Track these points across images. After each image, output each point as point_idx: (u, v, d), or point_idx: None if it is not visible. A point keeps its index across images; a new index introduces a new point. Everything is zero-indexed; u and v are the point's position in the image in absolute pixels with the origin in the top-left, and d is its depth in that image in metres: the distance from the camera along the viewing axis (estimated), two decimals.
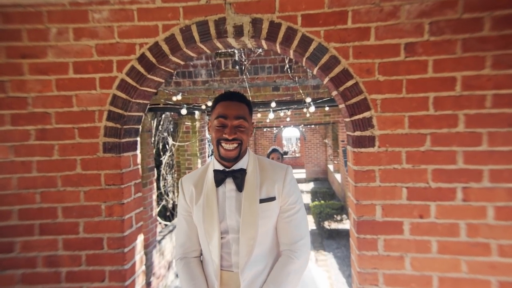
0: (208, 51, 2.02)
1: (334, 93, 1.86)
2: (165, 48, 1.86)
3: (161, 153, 6.68)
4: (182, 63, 2.05)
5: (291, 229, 1.44)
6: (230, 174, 1.43)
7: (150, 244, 4.84)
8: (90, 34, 1.90)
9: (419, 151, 1.77)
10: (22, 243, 1.99)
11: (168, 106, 4.09)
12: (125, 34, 1.89)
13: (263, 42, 1.84)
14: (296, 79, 3.76)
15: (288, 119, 6.97)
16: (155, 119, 5.49)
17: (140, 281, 2.11)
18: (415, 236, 1.80)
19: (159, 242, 5.21)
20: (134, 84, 1.90)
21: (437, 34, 1.73)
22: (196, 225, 1.50)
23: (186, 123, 6.67)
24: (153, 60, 1.87)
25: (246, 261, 1.38)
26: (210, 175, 1.47)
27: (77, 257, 1.97)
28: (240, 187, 1.42)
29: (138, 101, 1.97)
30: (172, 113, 6.60)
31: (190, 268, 1.48)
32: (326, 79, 1.81)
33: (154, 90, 2.08)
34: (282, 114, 5.76)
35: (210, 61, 4.25)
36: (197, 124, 6.70)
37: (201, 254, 1.55)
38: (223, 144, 1.38)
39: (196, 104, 4.27)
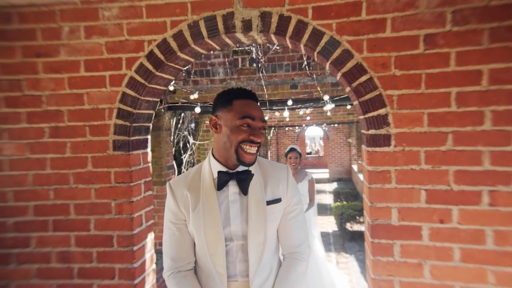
0: (217, 47, 1.97)
1: (348, 89, 1.77)
2: (173, 44, 1.84)
3: (182, 152, 6.75)
4: (191, 60, 2.02)
5: (295, 231, 1.36)
6: (235, 176, 1.28)
7: None
8: (100, 32, 1.90)
9: (440, 151, 1.65)
10: (37, 238, 2.03)
11: (186, 104, 4.10)
12: (134, 31, 1.88)
13: (273, 37, 1.78)
14: (315, 76, 3.66)
15: (308, 118, 6.83)
16: (174, 118, 5.54)
17: (150, 279, 2.10)
18: (435, 242, 1.67)
19: None
20: (143, 81, 1.88)
21: (461, 24, 1.60)
22: (191, 234, 1.33)
23: (206, 121, 6.70)
24: (162, 57, 1.85)
25: (256, 268, 1.28)
26: (208, 178, 1.31)
27: (88, 253, 1.99)
28: (245, 190, 1.29)
29: (147, 98, 1.96)
30: (193, 111, 6.65)
31: (189, 283, 1.30)
32: (339, 75, 1.72)
33: (164, 88, 2.06)
34: (301, 112, 5.65)
35: (227, 59, 4.22)
36: None
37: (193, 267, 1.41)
38: (246, 147, 1.25)
39: (212, 103, 4.25)
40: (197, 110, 3.95)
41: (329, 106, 3.47)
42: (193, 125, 7.02)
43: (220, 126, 1.27)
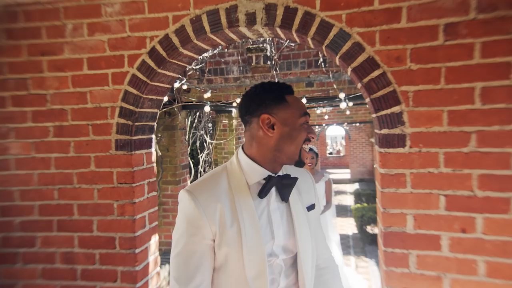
0: (222, 43, 1.89)
1: (359, 85, 1.64)
2: (175, 40, 1.76)
3: (199, 151, 6.74)
4: (196, 56, 1.94)
5: (322, 237, 1.26)
6: (277, 181, 1.08)
7: None
8: (103, 28, 1.86)
9: (462, 152, 1.49)
10: (42, 238, 2.02)
11: (200, 103, 4.05)
12: (136, 27, 1.82)
13: (278, 30, 1.67)
14: (331, 74, 3.51)
15: (326, 117, 6.65)
16: (189, 117, 5.52)
17: (153, 283, 2.05)
18: (456, 254, 1.52)
19: None
20: (145, 79, 1.82)
21: (488, 11, 1.43)
22: (215, 257, 1.07)
23: (223, 121, 6.66)
24: (164, 53, 1.79)
25: (310, 281, 1.13)
26: (241, 185, 1.07)
27: (91, 255, 1.95)
28: (286, 196, 1.12)
29: (150, 97, 1.90)
30: (211, 111, 6.63)
31: None
32: (349, 70, 1.60)
33: (168, 86, 2.00)
34: (318, 111, 5.49)
35: (241, 57, 4.14)
36: (234, 122, 6.65)
37: None
38: (305, 146, 1.16)
39: (225, 102, 4.18)
40: (207, 109, 3.89)
41: (344, 104, 3.31)
42: (210, 124, 6.99)
43: (278, 125, 1.04)
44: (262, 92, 1.06)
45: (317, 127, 15.07)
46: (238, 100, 3.88)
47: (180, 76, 1.96)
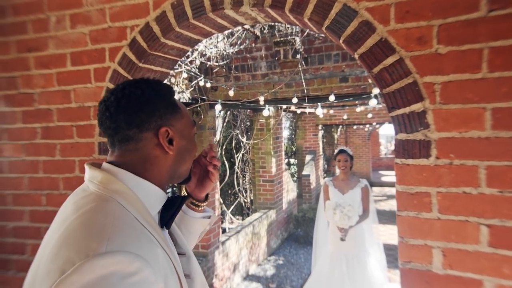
0: (213, 31, 1.62)
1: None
2: (156, 29, 1.53)
3: (234, 152, 6.56)
4: (185, 48, 1.69)
5: None
6: (180, 204, 0.90)
7: (212, 244, 4.70)
8: (84, 19, 1.69)
9: None
10: (32, 246, 1.91)
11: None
12: (117, 16, 1.62)
13: (270, 11, 1.36)
14: None
15: (369, 115, 6.08)
16: (219, 117, 5.35)
17: None
18: None
19: (223, 243, 5.05)
20: (126, 75, 1.62)
21: None
22: None
23: (260, 120, 6.40)
24: (144, 45, 1.56)
25: None
26: (151, 220, 0.77)
27: None
28: (170, 222, 0.91)
29: None
30: (249, 110, 6.42)
31: None
32: (356, 56, 1.24)
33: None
34: (358, 110, 4.99)
35: (269, 52, 3.84)
36: (272, 121, 6.37)
37: None
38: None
39: (247, 100, 3.91)
40: (218, 107, 3.65)
41: (374, 102, 2.86)
42: (248, 123, 6.78)
43: (176, 140, 0.79)
44: (153, 97, 0.76)
45: (367, 126, 14.24)
46: (262, 98, 3.59)
47: (171, 72, 1.75)
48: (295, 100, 3.42)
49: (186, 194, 0.96)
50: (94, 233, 0.61)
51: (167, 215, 0.80)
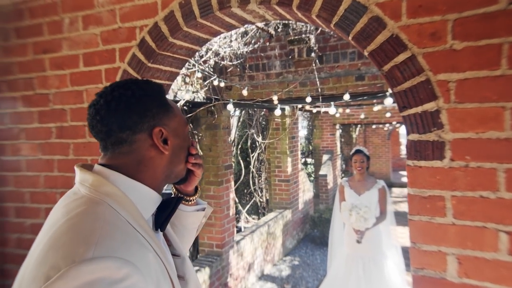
0: (221, 29, 1.60)
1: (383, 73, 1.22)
2: (164, 29, 1.53)
3: (250, 151, 6.55)
4: (194, 47, 1.69)
5: None
6: (175, 205, 0.91)
7: (227, 244, 4.71)
8: (96, 20, 1.71)
9: None
10: None
11: (239, 102, 3.82)
12: (126, 16, 1.63)
13: (278, 9, 1.33)
14: None
15: (387, 114, 5.92)
16: (233, 116, 5.34)
17: None
18: None
19: (238, 242, 5.05)
20: (135, 75, 1.63)
21: None
22: None
23: (276, 119, 6.37)
24: (153, 45, 1.57)
25: None
26: (143, 223, 0.77)
27: None
28: (165, 224, 0.92)
29: None
30: (264, 109, 6.40)
31: None
32: (365, 53, 1.19)
33: (166, 82, 1.78)
34: (375, 109, 4.87)
35: (283, 51, 3.80)
36: (287, 120, 6.32)
37: None
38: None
39: (260, 100, 3.88)
40: (229, 107, 3.63)
41: (390, 100, 2.77)
42: (263, 123, 6.76)
43: (170, 139, 0.78)
44: (144, 97, 0.75)
45: (386, 125, 13.93)
46: (275, 98, 3.56)
47: (184, 71, 1.74)
48: (309, 99, 3.37)
49: (178, 194, 0.95)
50: (82, 237, 0.59)
51: (162, 217, 0.78)
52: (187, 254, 0.95)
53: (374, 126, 14.17)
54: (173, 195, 0.95)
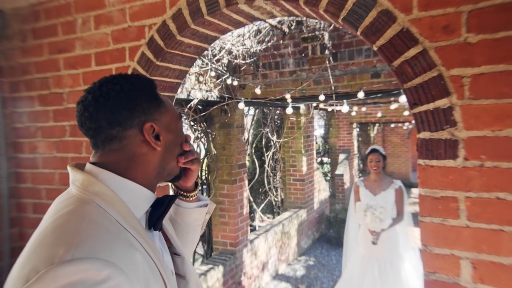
0: (229, 27, 1.59)
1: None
2: (172, 27, 1.53)
3: (265, 150, 6.52)
4: (203, 45, 1.68)
5: None
6: (169, 203, 0.91)
7: (240, 242, 4.71)
8: (107, 20, 1.73)
9: None
10: None
11: (252, 100, 3.80)
12: (136, 15, 1.64)
13: (284, 4, 1.30)
14: None
15: (405, 112, 5.77)
16: (247, 115, 5.33)
17: None
18: None
19: (252, 241, 5.04)
20: (144, 73, 1.64)
21: None
22: None
23: (291, 118, 6.32)
24: (161, 43, 1.57)
25: None
26: (135, 222, 0.76)
27: None
28: (159, 223, 0.90)
29: None
30: (279, 108, 6.36)
31: None
32: (374, 49, 1.15)
33: (176, 80, 1.78)
34: (392, 107, 4.74)
35: (297, 49, 3.76)
36: (303, 119, 6.26)
37: None
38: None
39: (273, 98, 3.84)
40: (241, 106, 3.61)
41: (404, 98, 2.68)
42: (279, 121, 6.72)
43: (163, 134, 0.76)
44: (134, 92, 0.73)
45: (406, 124, 13.60)
46: (288, 96, 3.52)
47: (188, 70, 1.74)
48: (322, 97, 3.32)
49: (174, 193, 0.93)
50: (64, 238, 0.58)
51: (155, 215, 0.77)
52: (192, 253, 0.94)
53: (392, 125, 13.87)
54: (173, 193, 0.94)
